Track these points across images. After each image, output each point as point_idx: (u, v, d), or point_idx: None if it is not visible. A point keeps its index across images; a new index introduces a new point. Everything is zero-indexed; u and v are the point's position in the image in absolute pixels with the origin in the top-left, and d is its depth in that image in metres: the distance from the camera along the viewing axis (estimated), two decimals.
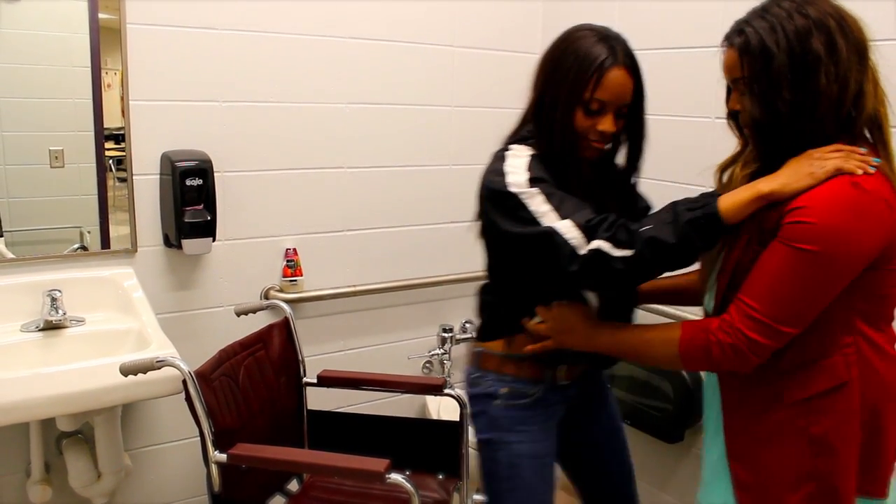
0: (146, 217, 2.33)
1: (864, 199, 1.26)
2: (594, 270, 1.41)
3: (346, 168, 2.64)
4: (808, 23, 1.29)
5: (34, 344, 2.07)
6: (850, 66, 1.29)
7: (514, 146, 1.60)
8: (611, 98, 1.52)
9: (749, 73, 1.35)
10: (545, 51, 1.62)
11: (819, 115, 1.30)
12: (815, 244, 1.25)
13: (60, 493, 2.28)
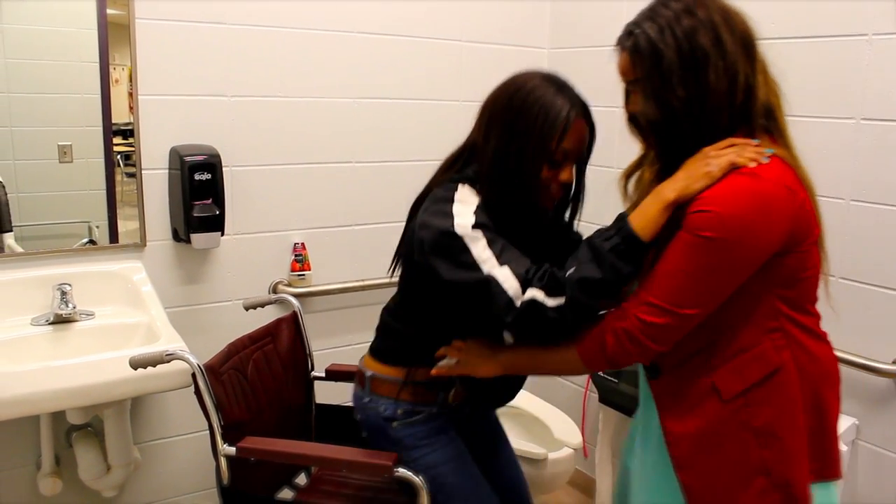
0: (155, 211, 2.34)
1: (764, 187, 1.28)
2: (529, 321, 1.41)
3: (354, 162, 2.64)
4: (694, 21, 1.33)
5: (44, 337, 2.08)
6: (737, 59, 1.33)
7: (460, 190, 1.58)
8: (574, 149, 1.56)
9: (641, 74, 1.37)
10: (496, 98, 1.62)
11: (712, 108, 1.33)
12: (714, 231, 1.26)
13: (70, 485, 2.29)
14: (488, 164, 1.57)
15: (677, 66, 1.32)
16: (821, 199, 2.10)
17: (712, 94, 1.33)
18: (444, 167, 1.72)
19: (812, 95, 2.13)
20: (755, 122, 1.38)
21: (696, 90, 1.33)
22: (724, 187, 1.29)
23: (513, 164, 1.53)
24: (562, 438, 2.53)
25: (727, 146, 1.34)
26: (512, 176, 1.54)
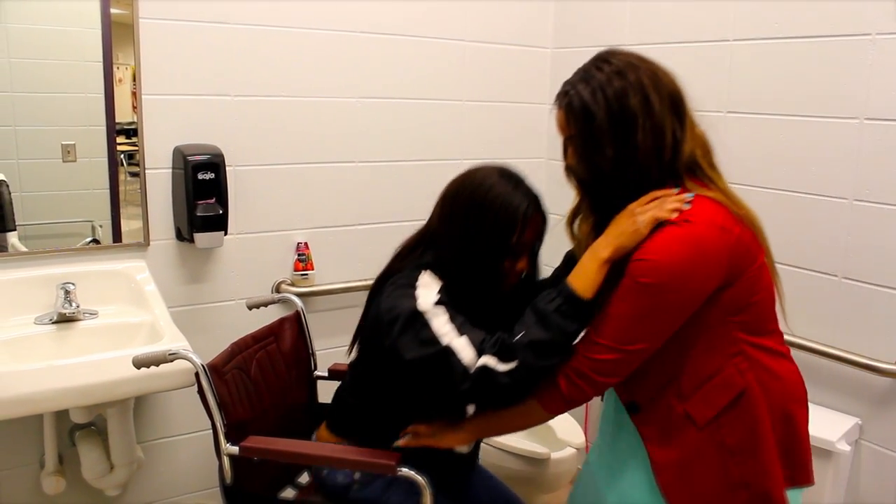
0: (158, 211, 2.34)
1: (696, 231, 1.36)
2: (484, 387, 1.47)
3: (357, 162, 2.64)
4: (625, 83, 1.40)
5: (48, 336, 2.08)
6: (665, 118, 1.41)
7: (423, 276, 1.65)
8: (531, 241, 1.66)
9: (574, 133, 1.46)
10: (457, 194, 1.69)
11: (640, 166, 1.41)
12: (652, 277, 1.36)
13: (74, 484, 2.30)
14: (451, 257, 1.65)
15: (607, 126, 1.40)
16: (823, 199, 2.12)
17: (641, 153, 1.40)
18: (404, 253, 1.78)
19: (815, 95, 2.13)
20: (682, 173, 1.44)
21: (625, 150, 1.40)
22: (660, 237, 1.37)
23: (476, 259, 1.62)
24: (564, 438, 2.53)
25: (650, 200, 1.42)
26: (475, 269, 1.63)
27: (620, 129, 1.40)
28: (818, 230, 2.15)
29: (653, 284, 1.36)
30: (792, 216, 2.21)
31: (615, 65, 1.44)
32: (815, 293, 2.18)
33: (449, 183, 1.74)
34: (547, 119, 3.04)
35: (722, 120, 2.36)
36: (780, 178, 2.23)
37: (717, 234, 1.38)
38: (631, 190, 1.43)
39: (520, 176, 1.69)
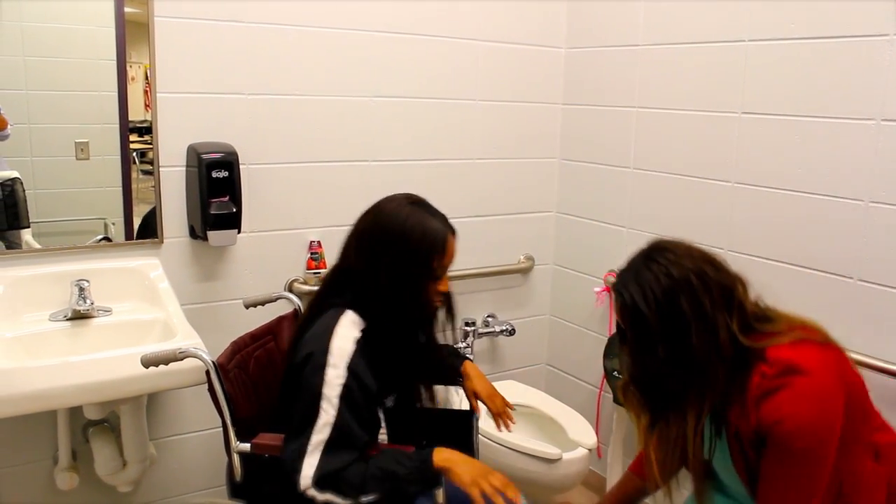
0: (172, 208, 2.35)
1: (816, 381, 1.43)
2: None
3: (370, 161, 2.64)
4: (674, 284, 1.46)
5: (62, 333, 2.10)
6: (717, 317, 1.46)
7: (343, 319, 1.71)
8: (450, 262, 1.74)
9: (628, 333, 1.52)
10: (373, 228, 1.74)
11: (699, 365, 1.45)
12: (806, 440, 1.42)
13: (87, 480, 2.31)
14: (376, 291, 1.69)
15: (659, 328, 1.46)
16: (840, 201, 2.10)
17: (697, 353, 1.45)
18: (322, 292, 1.82)
19: (831, 96, 2.11)
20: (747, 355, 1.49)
21: (679, 350, 1.45)
22: (788, 396, 1.42)
23: (402, 287, 1.69)
24: (576, 439, 2.52)
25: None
26: (403, 296, 1.69)
27: (672, 330, 1.45)
28: (834, 232, 2.14)
29: (808, 446, 1.42)
30: (807, 218, 2.19)
31: (663, 264, 1.49)
32: (830, 296, 2.16)
33: (359, 219, 1.79)
34: (560, 119, 3.04)
35: (737, 120, 2.35)
36: (795, 179, 2.22)
37: (829, 373, 1.45)
38: (695, 387, 1.48)
39: (427, 201, 1.79)
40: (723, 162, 2.42)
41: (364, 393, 1.66)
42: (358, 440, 1.64)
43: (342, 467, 1.61)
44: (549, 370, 3.27)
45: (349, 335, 1.68)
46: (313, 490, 1.60)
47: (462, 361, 2.08)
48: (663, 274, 1.47)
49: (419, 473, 1.61)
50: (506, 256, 3.05)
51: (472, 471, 1.59)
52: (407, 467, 1.62)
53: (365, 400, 1.66)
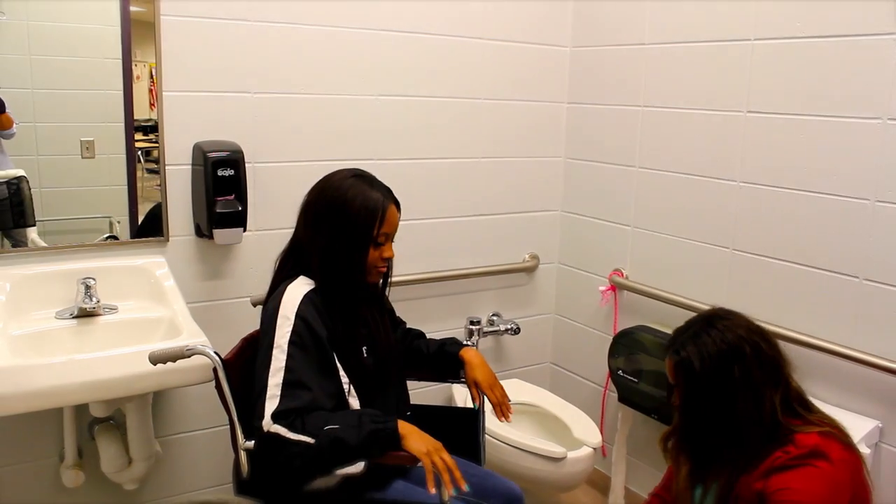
0: (178, 207, 2.35)
1: (834, 471, 1.54)
2: (268, 447, 1.68)
3: (375, 160, 2.64)
4: (729, 353, 1.60)
5: (69, 331, 2.10)
6: (765, 390, 1.60)
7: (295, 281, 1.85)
8: (390, 230, 1.88)
9: (681, 390, 1.66)
10: (317, 200, 1.88)
11: (740, 429, 1.60)
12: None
13: (93, 477, 2.31)
14: (321, 257, 1.84)
15: (709, 391, 1.61)
16: (845, 200, 2.10)
17: (741, 418, 1.59)
18: (277, 269, 1.95)
19: (837, 95, 2.11)
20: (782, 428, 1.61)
21: (724, 413, 1.59)
22: (805, 473, 1.53)
23: (345, 253, 1.83)
24: (581, 438, 2.52)
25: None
26: (344, 262, 1.83)
27: (721, 395, 1.60)
28: (839, 231, 2.13)
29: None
30: (813, 217, 2.19)
31: (721, 330, 1.63)
32: (835, 295, 2.16)
33: (308, 193, 1.92)
34: (565, 118, 3.03)
35: (742, 119, 2.35)
36: (801, 179, 2.22)
37: (846, 469, 1.56)
38: (732, 448, 1.61)
39: (372, 175, 1.92)
40: (728, 161, 2.42)
41: (314, 337, 1.76)
42: (311, 380, 1.73)
43: (302, 406, 1.68)
44: (554, 369, 3.27)
45: (299, 291, 1.81)
46: (275, 426, 1.66)
47: (460, 347, 2.10)
48: (720, 339, 1.61)
49: (381, 421, 1.69)
50: (511, 255, 3.05)
51: (427, 443, 1.68)
52: (372, 413, 1.73)
53: (315, 344, 1.76)
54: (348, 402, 1.81)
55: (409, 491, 1.87)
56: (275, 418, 1.67)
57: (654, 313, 2.72)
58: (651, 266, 2.75)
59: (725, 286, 2.47)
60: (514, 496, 2.02)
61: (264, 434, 1.67)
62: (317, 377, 1.75)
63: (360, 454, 1.68)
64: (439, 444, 1.69)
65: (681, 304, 2.58)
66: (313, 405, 1.70)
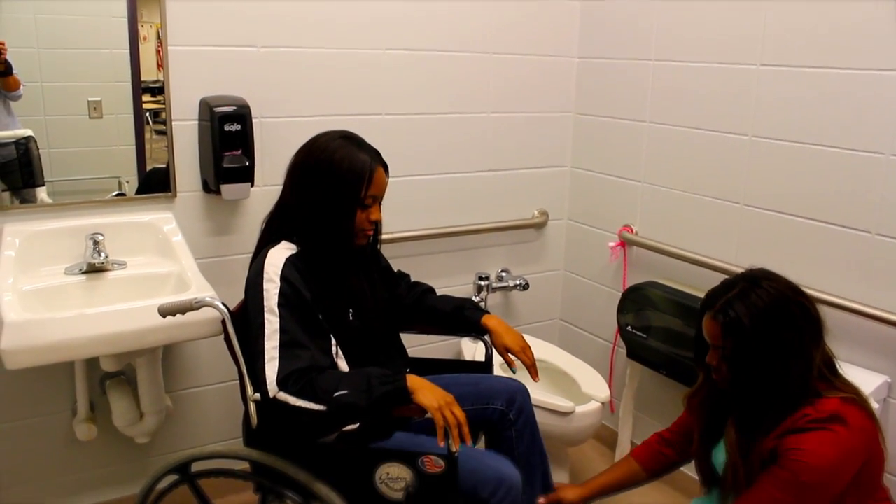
0: (185, 162, 2.34)
1: (850, 436, 1.55)
2: (279, 412, 1.68)
3: (383, 115, 2.62)
4: (781, 314, 1.60)
5: (78, 286, 2.11)
6: (812, 352, 1.61)
7: (277, 246, 1.84)
8: (378, 192, 1.85)
9: (730, 353, 1.64)
10: (304, 162, 1.85)
11: (785, 388, 1.60)
12: (814, 477, 1.53)
13: (105, 431, 2.34)
14: (307, 219, 1.83)
15: (760, 352, 1.59)
16: (859, 154, 2.08)
17: (790, 379, 1.59)
18: (264, 230, 1.94)
19: (854, 47, 2.07)
20: (815, 386, 1.62)
21: (773, 374, 1.60)
22: (819, 437, 1.54)
23: (331, 215, 1.81)
24: (589, 392, 2.53)
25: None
26: (331, 224, 1.81)
27: (771, 354, 1.59)
28: (852, 186, 2.11)
29: (810, 484, 1.53)
30: (825, 171, 2.17)
31: (768, 290, 1.62)
32: (847, 250, 2.14)
33: (295, 154, 1.89)
34: (575, 72, 3.00)
35: (755, 73, 2.32)
36: (814, 132, 2.19)
37: (862, 437, 1.57)
38: (773, 405, 1.62)
39: (359, 137, 1.88)
40: (740, 115, 2.39)
41: (299, 298, 1.75)
42: (307, 339, 1.73)
43: (304, 367, 1.68)
44: (563, 325, 3.27)
45: (280, 255, 1.80)
46: (282, 393, 1.66)
47: (482, 315, 2.09)
48: (769, 298, 1.60)
49: (390, 381, 1.67)
50: (520, 211, 3.03)
51: (438, 397, 1.67)
52: (379, 373, 1.70)
53: (302, 304, 1.75)
54: (336, 365, 1.82)
55: (411, 440, 1.88)
56: (280, 385, 1.67)
57: (664, 269, 2.71)
58: (661, 222, 2.73)
59: (735, 242, 2.46)
60: (517, 390, 2.07)
61: (271, 400, 1.68)
62: (310, 336, 1.75)
63: (370, 415, 1.69)
64: (451, 398, 1.69)
65: (690, 259, 2.57)
66: (314, 364, 1.71)
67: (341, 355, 1.84)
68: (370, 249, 2.02)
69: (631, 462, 2.04)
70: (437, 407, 1.66)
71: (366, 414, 1.67)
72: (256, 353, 1.72)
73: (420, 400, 1.67)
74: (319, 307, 1.79)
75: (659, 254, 2.71)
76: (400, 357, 2.07)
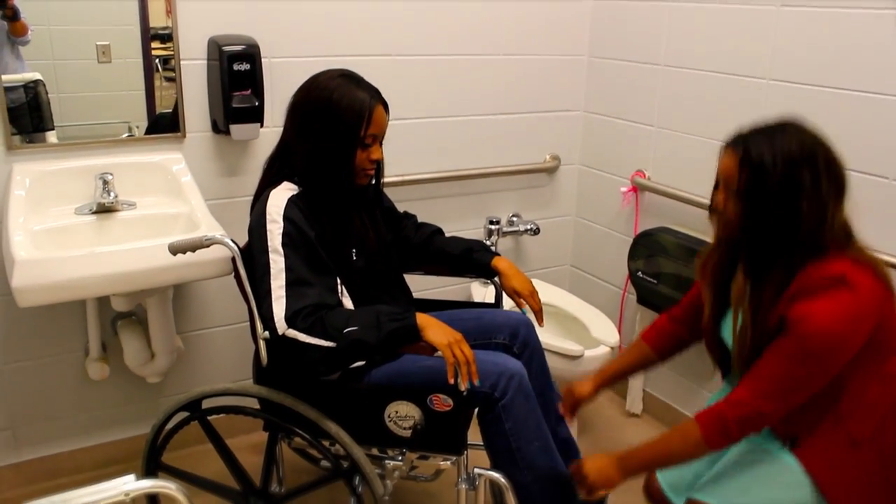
0: (194, 102, 2.32)
1: (859, 300, 1.48)
2: (288, 350, 1.69)
3: (394, 55, 2.59)
4: (803, 157, 1.50)
5: (88, 226, 2.11)
6: (829, 200, 1.51)
7: (278, 187, 1.83)
8: (378, 131, 1.83)
9: (743, 186, 1.54)
10: (304, 101, 1.84)
11: (797, 236, 1.51)
12: (821, 343, 1.47)
13: (117, 371, 2.37)
14: (307, 159, 1.82)
15: (776, 191, 1.50)
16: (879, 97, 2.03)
17: (802, 224, 1.50)
18: (266, 170, 1.93)
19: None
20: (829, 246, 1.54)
21: (786, 218, 1.51)
22: (829, 301, 1.47)
23: (331, 155, 1.80)
24: (599, 337, 2.53)
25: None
26: (331, 164, 1.80)
27: (787, 198, 1.50)
28: (869, 130, 2.07)
29: (817, 351, 1.48)
30: (842, 115, 2.13)
31: (797, 136, 1.52)
32: (864, 196, 2.11)
33: (294, 93, 1.87)
34: (589, 14, 2.94)
35: (774, 14, 2.27)
36: (832, 75, 2.14)
37: (873, 301, 1.50)
38: (782, 253, 1.54)
39: (359, 75, 1.85)
40: (757, 58, 2.34)
41: (303, 237, 1.75)
42: (312, 277, 1.73)
43: (312, 304, 1.69)
44: (573, 271, 3.27)
45: (282, 196, 1.79)
46: (291, 330, 1.67)
47: (492, 257, 2.09)
48: (795, 140, 1.51)
49: (400, 318, 1.68)
50: (531, 155, 3.01)
51: (447, 335, 1.68)
52: (388, 310, 1.72)
53: (305, 243, 1.75)
54: (342, 303, 1.82)
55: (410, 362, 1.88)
56: (289, 322, 1.67)
57: (676, 215, 2.69)
58: (674, 167, 2.70)
59: None
60: (520, 322, 2.06)
61: (280, 337, 1.68)
62: (316, 274, 1.75)
63: (379, 352, 1.70)
64: (459, 336, 1.69)
65: (703, 205, 2.54)
66: (321, 301, 1.71)
67: (346, 295, 1.84)
68: (372, 189, 2.01)
69: (642, 345, 1.98)
70: (446, 344, 1.66)
71: (375, 351, 1.67)
72: (263, 294, 1.72)
73: (429, 337, 1.67)
74: (323, 247, 1.79)
75: (671, 199, 2.69)
76: (405, 298, 2.07)
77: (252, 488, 1.93)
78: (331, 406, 1.81)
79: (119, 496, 1.44)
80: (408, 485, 2.43)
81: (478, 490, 1.86)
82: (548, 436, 1.87)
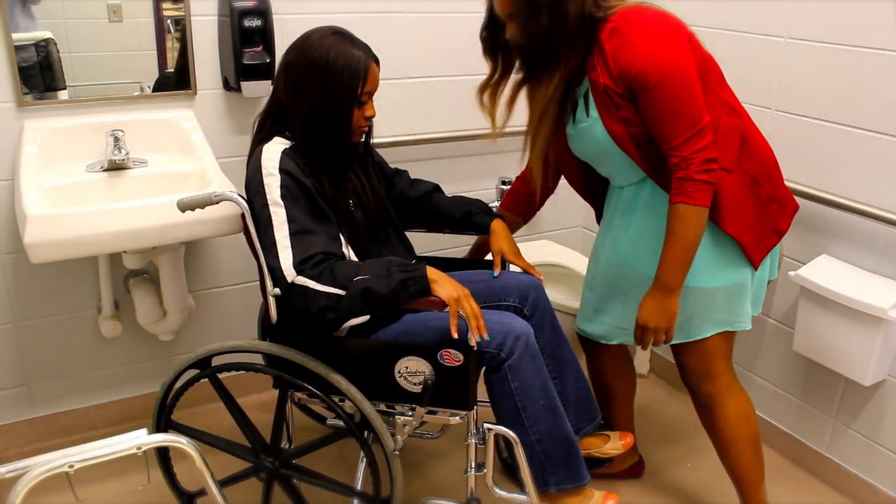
0: (205, 59, 2.31)
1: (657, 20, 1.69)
2: (296, 299, 1.69)
3: (406, 13, 2.56)
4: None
5: (100, 183, 2.11)
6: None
7: (270, 143, 1.83)
8: (372, 88, 1.84)
9: (516, 9, 1.71)
10: (298, 59, 1.81)
11: (569, 30, 1.69)
12: (657, 73, 1.64)
13: (129, 329, 2.39)
14: (304, 118, 1.81)
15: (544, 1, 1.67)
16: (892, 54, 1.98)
17: (570, 20, 1.68)
18: (257, 128, 1.92)
19: None
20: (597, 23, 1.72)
21: (558, 18, 1.68)
22: (627, 44, 1.67)
23: (329, 113, 1.79)
24: None
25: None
26: (329, 123, 1.80)
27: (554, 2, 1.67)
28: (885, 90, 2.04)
29: (666, 76, 1.64)
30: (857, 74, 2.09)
31: None
32: (878, 156, 2.09)
33: (286, 51, 1.85)
34: None
35: None
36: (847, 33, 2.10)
37: (667, 22, 1.70)
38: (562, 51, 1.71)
39: (351, 32, 1.85)
40: (776, 16, 2.30)
41: (301, 187, 1.76)
42: (315, 226, 1.75)
43: (319, 251, 1.70)
44: (585, 233, 3.25)
45: (275, 149, 1.80)
46: (301, 277, 1.68)
47: (492, 219, 2.09)
48: None
49: (410, 269, 1.70)
50: None
51: (455, 289, 1.70)
52: (399, 261, 1.74)
53: (304, 193, 1.76)
54: (345, 255, 1.82)
55: (413, 323, 1.89)
56: (298, 270, 1.68)
57: None
58: None
59: None
60: (530, 284, 2.06)
61: (289, 285, 1.68)
62: (318, 223, 1.76)
63: (390, 302, 1.69)
64: (467, 291, 1.70)
65: None
66: (328, 249, 1.72)
67: (348, 246, 1.85)
68: (363, 145, 2.02)
69: (506, 215, 2.19)
70: (454, 297, 1.67)
71: (385, 300, 1.67)
72: (269, 246, 1.72)
73: (437, 291, 1.68)
74: (321, 198, 1.80)
75: None
76: (408, 253, 2.07)
77: (263, 445, 1.95)
78: (341, 362, 1.82)
79: (132, 449, 1.46)
80: (415, 443, 2.45)
81: (487, 444, 1.87)
82: (554, 395, 1.87)
